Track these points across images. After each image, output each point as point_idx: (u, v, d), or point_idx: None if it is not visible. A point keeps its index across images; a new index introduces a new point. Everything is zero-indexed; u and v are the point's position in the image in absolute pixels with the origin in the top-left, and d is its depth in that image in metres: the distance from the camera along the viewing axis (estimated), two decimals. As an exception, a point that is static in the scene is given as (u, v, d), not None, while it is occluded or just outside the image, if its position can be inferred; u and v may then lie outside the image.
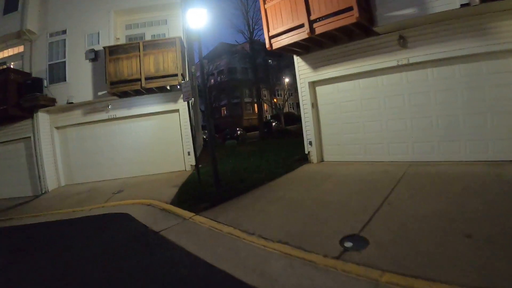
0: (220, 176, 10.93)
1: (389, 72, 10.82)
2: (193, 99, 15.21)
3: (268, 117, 53.72)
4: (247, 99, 73.51)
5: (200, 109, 37.68)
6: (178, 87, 15.63)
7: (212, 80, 72.80)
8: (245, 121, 69.21)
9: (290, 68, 66.29)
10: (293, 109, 79.07)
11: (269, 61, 63.97)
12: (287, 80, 56.91)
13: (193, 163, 15.45)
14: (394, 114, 10.89)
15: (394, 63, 10.45)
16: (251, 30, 28.62)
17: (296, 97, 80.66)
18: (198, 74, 26.87)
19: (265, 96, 51.98)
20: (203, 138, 34.67)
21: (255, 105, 72.30)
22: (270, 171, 12.05)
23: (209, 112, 14.45)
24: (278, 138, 30.47)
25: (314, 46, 11.85)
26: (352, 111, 11.78)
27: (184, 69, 16.16)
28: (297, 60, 12.79)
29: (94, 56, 16.02)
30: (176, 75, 15.16)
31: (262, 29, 14.92)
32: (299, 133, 30.74)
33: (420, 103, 10.39)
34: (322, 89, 12.45)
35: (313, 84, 12.54)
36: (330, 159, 12.42)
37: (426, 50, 9.85)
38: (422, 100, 10.35)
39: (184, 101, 12.93)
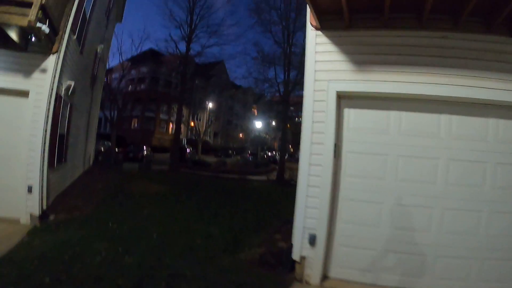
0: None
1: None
2: (72, 84, 8.90)
3: (183, 141, 47.09)
4: (163, 116, 66.76)
5: (104, 113, 30.92)
6: (34, 38, 7.51)
7: (130, 86, 65.38)
8: (155, 139, 62.26)
9: (217, 93, 63.79)
10: (209, 138, 73.82)
11: (196, 81, 59.92)
12: (210, 105, 52.41)
13: (37, 210, 7.57)
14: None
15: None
16: (192, 27, 22.97)
17: (217, 126, 76.87)
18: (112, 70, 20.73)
19: (182, 117, 45.77)
20: (96, 151, 27.66)
21: (170, 124, 66.72)
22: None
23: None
24: (195, 171, 24.46)
25: (371, 18, 5.84)
26: (421, 180, 5.70)
27: (59, 8, 7.88)
28: (314, 37, 6.19)
29: None
30: (29, 4, 6.42)
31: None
32: (221, 170, 26.48)
33: None
34: (360, 115, 6.10)
35: (344, 101, 6.10)
36: (343, 275, 5.75)
37: None
38: None
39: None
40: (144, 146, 35.14)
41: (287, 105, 24.83)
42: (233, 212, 9.90)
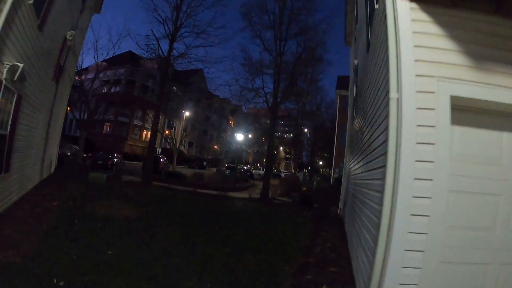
0: None
1: None
2: (20, 67, 6.60)
3: (158, 150, 44.44)
4: (137, 122, 63.92)
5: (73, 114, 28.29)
6: None
7: (105, 87, 62.38)
8: (128, 146, 59.44)
9: (194, 102, 61.75)
10: (184, 147, 71.24)
11: (174, 88, 57.66)
12: (187, 113, 50.32)
13: None
14: None
15: None
16: (177, 25, 20.77)
17: (192, 135, 74.37)
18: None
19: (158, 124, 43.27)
20: (61, 156, 25.04)
21: (144, 131, 64.02)
22: None
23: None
24: (170, 185, 22.02)
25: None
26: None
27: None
28: (408, 11, 4.17)
29: None
30: None
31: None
32: (199, 185, 24.11)
33: None
34: (467, 136, 4.12)
35: (453, 112, 3.96)
36: None
37: None
38: None
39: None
40: (115, 154, 32.43)
41: (275, 118, 22.82)
42: (228, 254, 7.57)
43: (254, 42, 33.05)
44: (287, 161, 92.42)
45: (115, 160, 30.55)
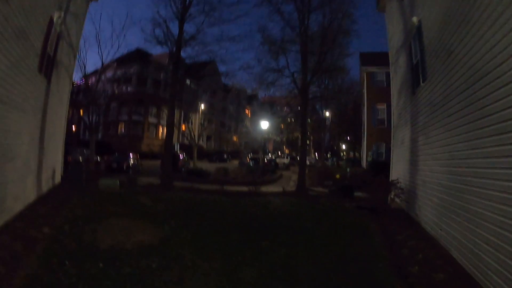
0: None
1: None
2: None
3: (176, 147, 42.02)
4: (152, 119, 61.67)
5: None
6: None
7: (116, 89, 60.30)
8: (144, 145, 57.26)
9: (209, 94, 59.45)
10: (202, 141, 69.03)
11: (187, 81, 55.62)
12: (202, 106, 48.03)
13: None
14: None
15: None
16: (186, 3, 18.05)
17: (210, 129, 72.05)
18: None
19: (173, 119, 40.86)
20: (72, 161, 22.79)
21: (160, 127, 61.84)
22: None
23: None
24: (192, 184, 19.48)
25: None
26: None
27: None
28: None
29: None
30: None
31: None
32: (225, 181, 21.60)
33: None
34: None
35: None
36: None
37: None
38: None
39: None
40: (131, 154, 30.02)
41: (306, 99, 19.95)
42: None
43: (272, 19, 29.34)
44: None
45: (131, 161, 28.18)
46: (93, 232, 7.50)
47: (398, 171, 14.87)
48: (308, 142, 60.95)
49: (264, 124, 35.87)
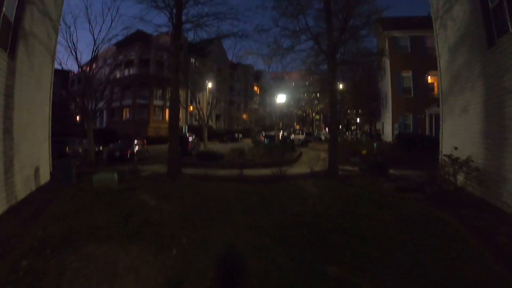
0: None
1: None
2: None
3: (184, 129, 39.15)
4: (157, 102, 58.79)
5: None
6: None
7: (118, 73, 57.66)
8: (151, 129, 54.67)
9: (215, 72, 56.28)
10: (211, 121, 66.47)
11: (192, 59, 52.88)
12: (210, 85, 45.22)
13: None
14: None
15: None
16: None
17: (218, 108, 69.84)
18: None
19: (179, 99, 37.84)
20: (70, 153, 20.26)
21: (166, 110, 59.05)
22: None
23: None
24: (206, 169, 16.82)
25: None
26: None
27: None
28: None
29: None
30: None
31: None
32: (242, 164, 18.85)
33: None
34: None
35: None
36: None
37: None
38: None
39: None
40: (135, 140, 27.38)
41: (334, 64, 16.80)
42: None
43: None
44: (317, 122, 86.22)
45: (136, 148, 25.53)
46: (59, 270, 4.87)
47: (454, 145, 12.13)
48: (318, 117, 57.99)
49: (281, 98, 33.06)
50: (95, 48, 22.54)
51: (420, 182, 14.19)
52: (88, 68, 24.99)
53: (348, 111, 61.32)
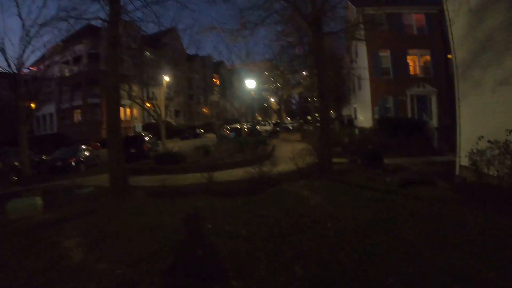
0: None
1: None
2: None
3: (138, 127, 34.75)
4: (112, 100, 54.23)
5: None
6: None
7: (67, 71, 53.12)
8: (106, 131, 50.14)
9: (173, 65, 52.47)
10: (171, 118, 62.79)
11: (146, 52, 48.81)
12: (167, 78, 41.80)
13: None
14: None
15: None
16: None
17: (178, 104, 65.83)
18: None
19: (137, 97, 33.82)
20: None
21: (122, 108, 54.67)
22: None
23: None
24: (166, 175, 13.45)
25: None
26: None
27: None
28: None
29: None
30: None
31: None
32: (210, 165, 14.57)
33: None
34: None
35: None
36: None
37: None
38: None
39: None
40: (82, 146, 23.47)
41: (320, 33, 13.39)
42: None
43: None
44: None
45: (83, 154, 21.71)
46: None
47: (479, 128, 9.63)
48: (278, 107, 55.10)
49: (250, 83, 30.04)
50: (25, 34, 18.43)
51: (425, 172, 12.43)
52: (19, 63, 20.87)
53: (315, 99, 58.62)
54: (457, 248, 5.04)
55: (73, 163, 20.09)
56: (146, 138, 25.60)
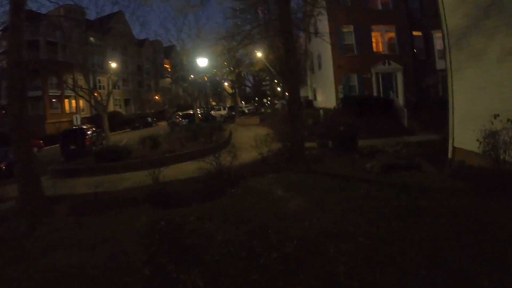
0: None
1: None
2: None
3: (76, 120, 30.82)
4: (53, 91, 49.92)
5: None
6: None
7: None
8: (50, 125, 46.31)
9: (120, 51, 49.24)
10: (120, 107, 59.47)
11: (91, 38, 44.95)
12: (114, 65, 38.71)
13: None
14: None
15: None
16: None
17: (128, 92, 62.38)
18: None
19: (80, 87, 30.65)
20: None
21: (66, 100, 50.84)
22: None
23: None
24: (106, 177, 11.66)
25: None
26: None
27: None
28: None
29: None
30: None
31: None
32: (158, 160, 13.36)
33: None
34: None
35: None
36: None
37: None
38: None
39: None
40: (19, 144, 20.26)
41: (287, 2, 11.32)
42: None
43: None
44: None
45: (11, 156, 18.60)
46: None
47: (479, 105, 8.81)
48: (233, 91, 52.77)
49: (203, 62, 27.75)
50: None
51: (405, 155, 11.61)
52: None
53: (275, 81, 56.93)
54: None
55: (3, 167, 17.21)
56: (89, 132, 22.72)
